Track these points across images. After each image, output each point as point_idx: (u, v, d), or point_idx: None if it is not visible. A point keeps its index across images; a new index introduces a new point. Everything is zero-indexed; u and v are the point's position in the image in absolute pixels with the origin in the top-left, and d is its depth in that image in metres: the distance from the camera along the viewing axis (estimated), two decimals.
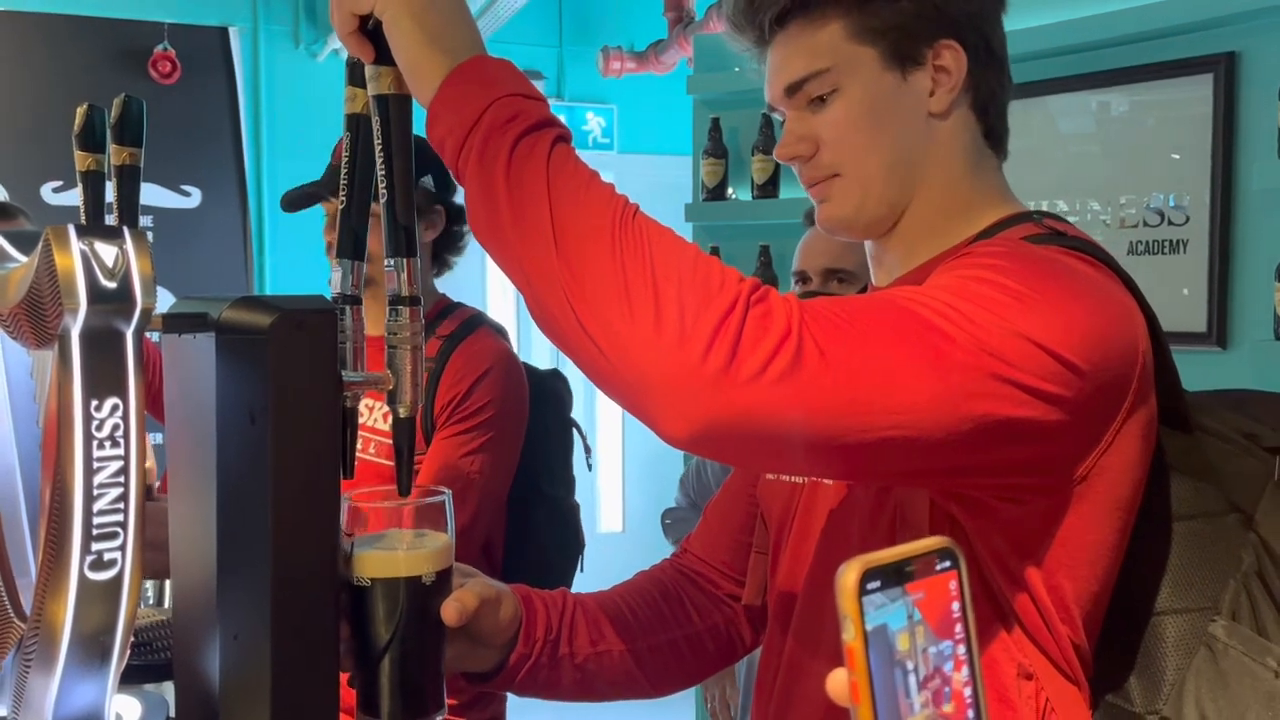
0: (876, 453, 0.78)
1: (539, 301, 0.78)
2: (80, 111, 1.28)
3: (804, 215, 2.05)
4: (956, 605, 0.52)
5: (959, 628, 0.52)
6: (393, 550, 0.88)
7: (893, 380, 0.77)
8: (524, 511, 1.82)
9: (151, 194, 3.82)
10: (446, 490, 0.90)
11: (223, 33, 4.03)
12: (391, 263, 0.86)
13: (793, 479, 1.08)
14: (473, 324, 1.75)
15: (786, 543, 1.07)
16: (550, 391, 1.89)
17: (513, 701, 1.19)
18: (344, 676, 0.88)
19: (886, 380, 0.77)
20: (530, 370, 1.83)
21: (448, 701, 0.91)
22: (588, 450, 1.95)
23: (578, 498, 1.97)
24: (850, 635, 0.48)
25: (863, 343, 0.77)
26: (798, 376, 0.74)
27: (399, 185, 0.85)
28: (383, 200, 0.86)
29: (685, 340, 0.73)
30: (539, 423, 1.79)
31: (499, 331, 1.79)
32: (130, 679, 0.96)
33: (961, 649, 0.52)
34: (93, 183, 1.29)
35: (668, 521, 2.55)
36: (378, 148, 0.85)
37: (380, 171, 0.85)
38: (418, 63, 0.83)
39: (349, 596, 0.87)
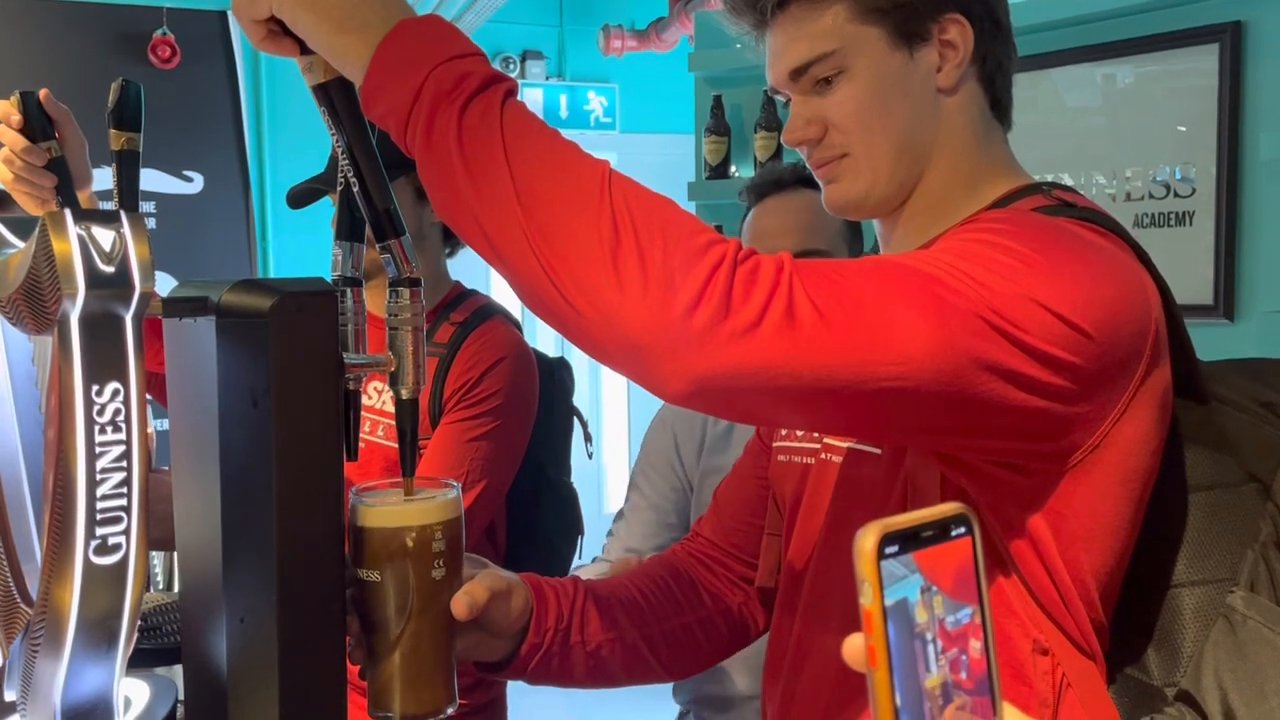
0: (875, 405, 0.77)
1: (515, 274, 0.76)
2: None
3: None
4: (972, 571, 0.52)
5: (974, 594, 0.52)
6: (399, 503, 0.87)
7: (891, 330, 0.76)
8: (529, 496, 1.82)
9: (154, 180, 3.80)
10: (456, 483, 0.90)
11: (222, 16, 4.00)
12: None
13: (804, 460, 1.07)
14: (487, 312, 1.75)
15: (796, 524, 1.07)
16: (556, 379, 1.89)
17: (513, 684, 1.19)
18: (355, 669, 0.88)
19: (884, 330, 0.76)
20: (539, 358, 1.83)
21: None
22: (588, 439, 1.95)
23: (584, 481, 1.98)
24: (868, 599, 0.48)
25: (858, 294, 0.76)
26: (791, 328, 0.73)
27: (366, 171, 0.83)
28: (355, 189, 0.84)
29: (674, 298, 0.72)
30: (546, 409, 1.79)
31: (513, 322, 1.78)
32: (140, 663, 0.96)
33: (977, 615, 0.52)
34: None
35: None
36: (333, 138, 0.83)
37: (343, 161, 0.83)
38: (332, 51, 0.80)
39: (358, 590, 0.86)
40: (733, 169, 3.03)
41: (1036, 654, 0.89)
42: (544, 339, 3.63)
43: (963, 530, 0.52)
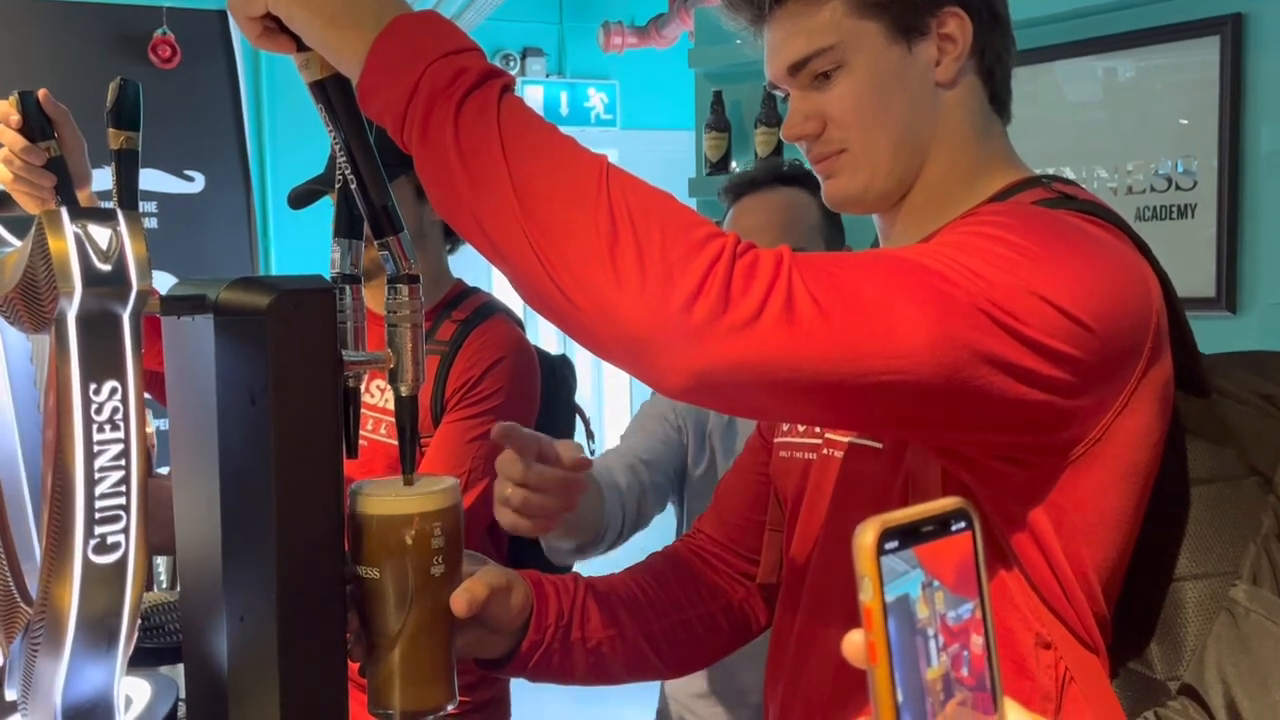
0: (874, 399, 0.77)
1: (514, 270, 0.76)
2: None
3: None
4: (972, 566, 0.51)
5: (975, 588, 0.51)
6: (397, 493, 0.87)
7: (890, 323, 0.75)
8: None
9: (155, 179, 3.81)
10: (454, 479, 0.90)
11: (222, 16, 3.99)
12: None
13: (805, 455, 1.07)
14: (488, 310, 1.75)
15: (798, 519, 1.06)
16: (559, 377, 1.89)
17: (517, 680, 1.19)
18: (355, 666, 0.87)
19: (884, 323, 0.75)
20: (541, 355, 1.82)
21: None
22: (590, 436, 1.95)
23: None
24: (868, 595, 0.48)
25: (858, 288, 0.76)
26: (790, 322, 0.73)
27: (364, 168, 0.83)
28: (352, 187, 0.83)
29: (672, 292, 0.71)
30: (547, 407, 1.79)
31: (515, 320, 1.78)
32: (142, 661, 0.96)
33: (978, 610, 0.51)
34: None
35: None
36: (331, 135, 0.83)
37: (341, 159, 0.83)
38: (328, 47, 0.79)
39: (358, 587, 0.86)
40: (733, 165, 3.03)
41: (1039, 648, 0.88)
42: (546, 336, 3.63)
43: (963, 525, 0.51)
